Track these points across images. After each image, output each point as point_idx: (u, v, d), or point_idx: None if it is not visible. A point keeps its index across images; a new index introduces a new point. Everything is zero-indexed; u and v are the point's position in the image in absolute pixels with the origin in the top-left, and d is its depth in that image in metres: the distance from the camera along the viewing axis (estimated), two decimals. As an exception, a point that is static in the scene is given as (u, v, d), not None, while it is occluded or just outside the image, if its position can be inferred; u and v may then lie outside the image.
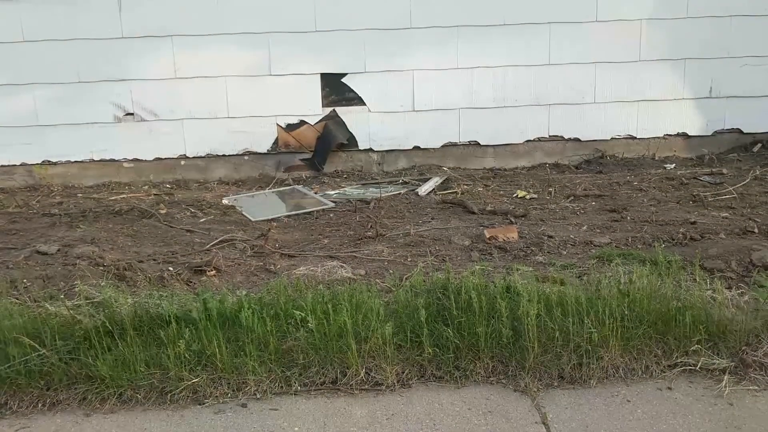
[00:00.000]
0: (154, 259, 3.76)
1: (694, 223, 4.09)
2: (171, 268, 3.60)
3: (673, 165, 5.61)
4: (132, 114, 5.47)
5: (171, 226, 4.38)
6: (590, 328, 2.73)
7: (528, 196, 4.86)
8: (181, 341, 2.67)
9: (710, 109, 5.77)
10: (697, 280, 3.13)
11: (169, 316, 2.80)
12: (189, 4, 5.28)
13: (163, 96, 5.45)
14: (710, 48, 5.64)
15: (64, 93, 5.37)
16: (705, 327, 2.76)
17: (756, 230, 3.92)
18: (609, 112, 5.74)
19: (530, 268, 3.42)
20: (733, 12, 5.57)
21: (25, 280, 3.43)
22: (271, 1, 5.33)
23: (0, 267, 3.68)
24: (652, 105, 5.75)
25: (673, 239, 3.84)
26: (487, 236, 3.93)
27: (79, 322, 2.85)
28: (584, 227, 4.13)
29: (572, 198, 4.78)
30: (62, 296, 3.14)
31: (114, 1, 5.24)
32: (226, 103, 5.50)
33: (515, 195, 4.91)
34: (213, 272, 3.54)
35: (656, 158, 5.79)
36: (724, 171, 5.25)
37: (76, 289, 3.20)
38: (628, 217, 4.28)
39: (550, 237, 3.93)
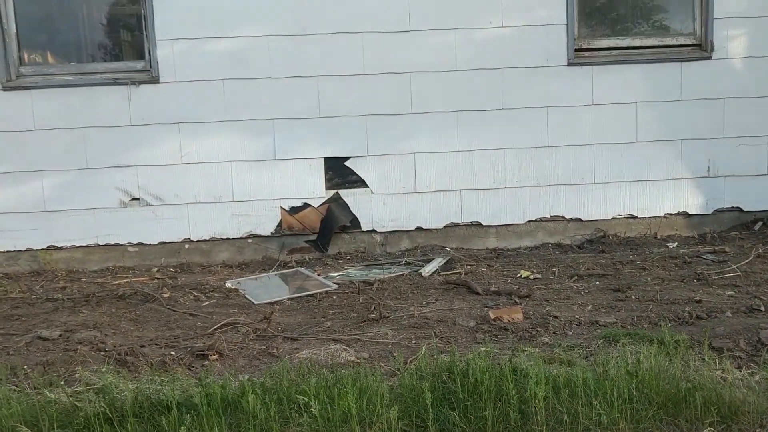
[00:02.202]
0: (156, 344, 3.73)
1: (699, 301, 4.07)
2: (173, 353, 3.56)
3: (676, 244, 5.63)
4: (138, 199, 5.55)
5: (174, 310, 4.36)
6: (599, 410, 2.67)
7: (532, 276, 4.85)
8: (182, 428, 2.61)
9: (709, 188, 5.84)
10: (706, 359, 3.08)
11: (170, 401, 2.75)
12: (197, 94, 5.45)
13: (169, 181, 5.54)
14: (705, 129, 5.76)
15: (73, 179, 5.47)
16: (716, 408, 2.70)
17: (762, 308, 3.89)
18: (609, 192, 5.80)
19: (536, 350, 3.38)
20: (726, 94, 5.72)
21: (25, 367, 3.39)
22: (277, 92, 5.50)
23: (1, 353, 3.64)
24: (652, 185, 5.82)
25: (679, 318, 3.81)
26: (492, 317, 3.90)
27: (79, 409, 2.80)
28: (589, 307, 4.10)
29: (576, 278, 4.77)
30: (62, 382, 3.10)
31: (124, 91, 5.41)
32: (231, 187, 5.58)
33: (519, 275, 4.90)
34: (215, 356, 3.50)
35: (658, 237, 5.81)
36: (727, 249, 5.26)
37: (77, 375, 3.16)
38: (633, 297, 4.26)
39: (555, 317, 3.90)
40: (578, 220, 5.83)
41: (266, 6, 5.42)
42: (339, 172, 5.66)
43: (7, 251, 5.50)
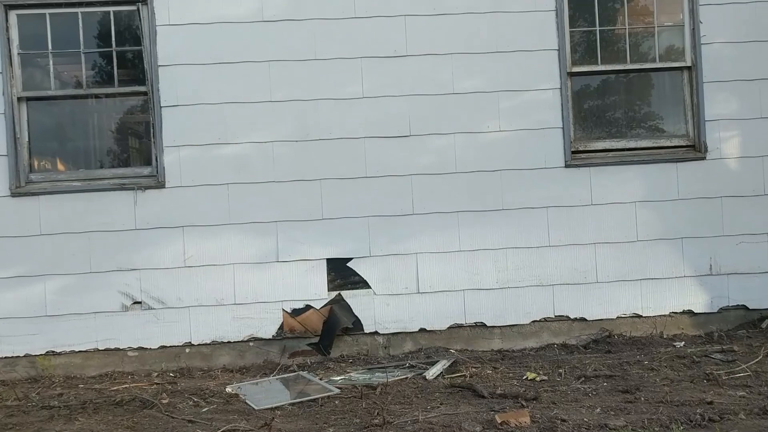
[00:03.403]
0: (153, 453, 3.61)
1: (710, 403, 3.97)
2: (170, 463, 3.45)
3: (683, 343, 5.55)
4: (140, 302, 5.53)
5: (172, 417, 4.25)
6: None
7: (538, 378, 4.76)
8: None
9: (712, 286, 5.82)
10: (722, 465, 2.97)
11: None
12: (202, 199, 5.55)
13: (172, 284, 5.54)
14: (705, 227, 5.81)
15: (76, 283, 5.48)
16: None
17: (776, 410, 3.79)
18: (612, 291, 5.78)
19: (545, 456, 3.27)
20: (722, 193, 5.81)
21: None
22: (280, 195, 5.60)
23: (-8, 464, 3.53)
24: (655, 283, 5.81)
25: (691, 420, 3.70)
26: (499, 421, 3.80)
27: None
28: (597, 409, 4.00)
29: (583, 379, 4.67)
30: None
31: (130, 196, 5.51)
32: (233, 289, 5.58)
33: (525, 377, 4.81)
34: (213, 466, 3.39)
35: (664, 336, 5.74)
36: (735, 348, 5.18)
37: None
38: (642, 398, 4.15)
39: (564, 420, 3.79)
40: (583, 319, 5.77)
41: (271, 113, 5.61)
42: (341, 273, 5.67)
43: (6, 357, 5.43)
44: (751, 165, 5.83)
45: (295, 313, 5.64)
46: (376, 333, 5.69)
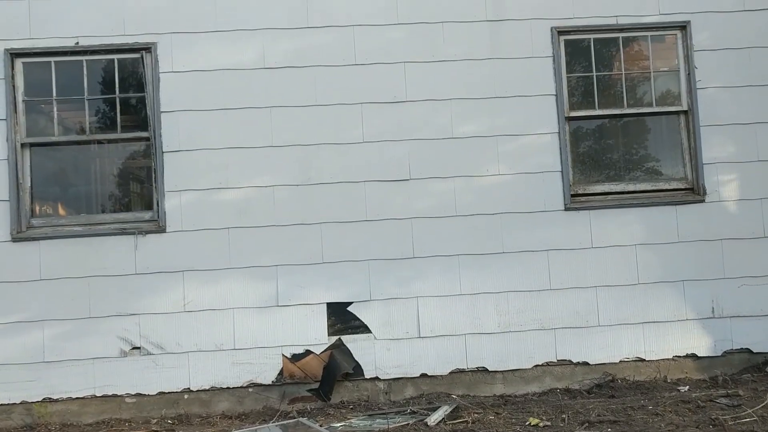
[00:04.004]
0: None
1: (717, 449, 3.91)
2: None
3: (687, 387, 5.49)
4: (138, 348, 5.49)
5: (170, 466, 4.18)
6: None
7: (541, 424, 4.69)
8: None
9: (715, 329, 5.79)
10: None
11: None
12: (202, 243, 5.55)
13: (171, 329, 5.51)
14: (706, 270, 5.80)
15: (74, 328, 5.44)
16: None
17: (784, 456, 3.73)
18: (615, 335, 5.74)
19: (550, 505, 3.21)
20: (722, 236, 5.82)
21: None
22: (281, 239, 5.60)
23: None
24: (658, 326, 5.77)
25: (698, 468, 3.64)
26: (502, 469, 3.73)
27: None
28: (603, 457, 3.93)
29: (587, 425, 4.61)
30: None
31: (131, 241, 5.51)
32: (232, 335, 5.54)
33: (528, 423, 4.74)
34: None
35: (668, 380, 5.68)
36: (741, 393, 5.12)
37: None
38: (648, 445, 4.10)
39: (568, 469, 3.73)
40: (585, 363, 5.72)
41: (272, 158, 5.65)
42: (341, 318, 5.64)
43: (1, 404, 5.36)
44: (750, 208, 5.85)
45: (295, 358, 5.59)
46: (376, 378, 5.64)
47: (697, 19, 5.92)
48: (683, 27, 5.93)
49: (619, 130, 6.09)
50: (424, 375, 5.65)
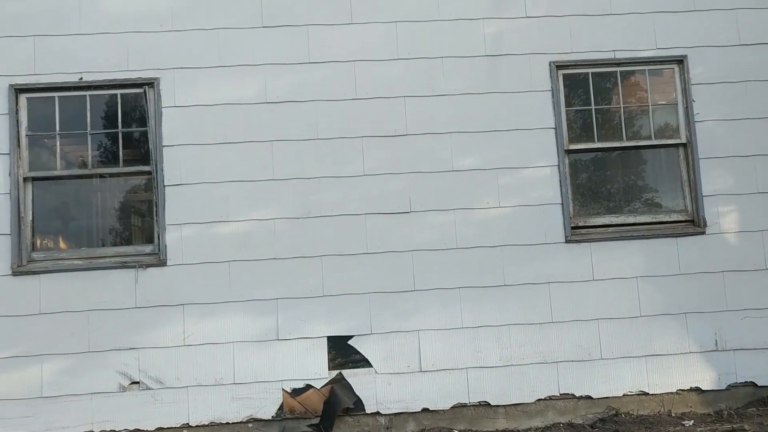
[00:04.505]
0: None
1: (723, 486, 3.85)
2: None
3: (692, 422, 5.42)
4: (138, 383, 5.44)
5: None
6: None
7: (544, 460, 4.63)
8: None
9: (719, 362, 5.74)
10: None
11: None
12: (203, 277, 5.55)
13: (171, 364, 5.47)
14: (708, 302, 5.78)
15: (73, 363, 5.41)
16: None
17: (791, 493, 3.67)
18: (618, 368, 5.70)
19: None
20: (724, 268, 5.80)
21: None
22: (281, 272, 5.60)
23: None
24: (661, 359, 5.73)
25: (705, 505, 3.58)
26: (505, 507, 3.67)
27: None
28: (607, 494, 3.87)
29: (591, 461, 4.55)
30: None
31: (131, 274, 5.51)
32: (232, 369, 5.50)
33: (531, 459, 4.68)
34: None
35: (672, 415, 5.61)
36: (746, 427, 5.07)
37: None
38: (653, 481, 4.04)
39: (572, 506, 3.67)
40: (588, 397, 5.66)
41: (273, 191, 5.68)
42: (342, 352, 5.60)
43: (-1, 440, 5.32)
44: (751, 239, 5.85)
45: (296, 392, 5.54)
46: (377, 413, 5.58)
47: (693, 53, 5.99)
48: (680, 61, 5.99)
49: (619, 162, 6.12)
50: (425, 410, 5.59)
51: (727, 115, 5.95)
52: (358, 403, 5.56)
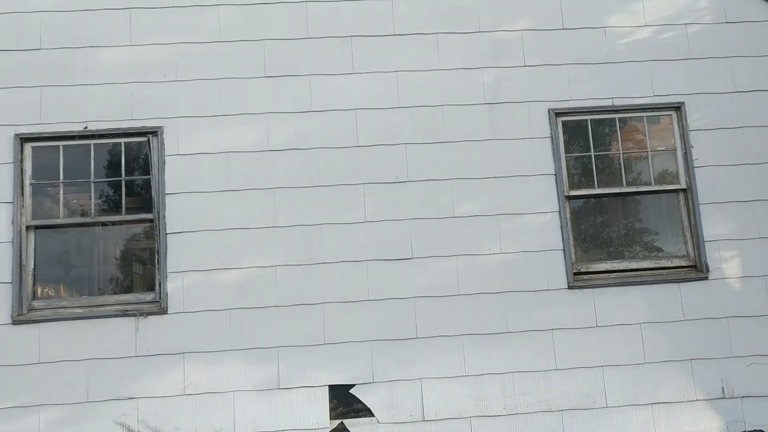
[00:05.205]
0: None
1: None
2: None
3: (701, 471, 5.32)
4: (136, 433, 5.37)
5: None
6: None
7: None
8: None
9: (726, 410, 5.65)
10: None
11: None
12: (204, 325, 5.52)
13: (170, 413, 5.40)
14: (713, 348, 5.72)
15: (71, 413, 5.33)
16: None
17: None
18: (624, 416, 5.61)
19: None
20: (728, 313, 5.76)
21: None
22: (283, 319, 5.56)
23: None
24: (667, 407, 5.64)
25: None
26: None
27: None
28: None
29: None
30: None
31: (132, 323, 5.48)
32: (232, 419, 5.42)
33: None
34: None
35: (681, 464, 5.51)
36: (756, 477, 4.96)
37: None
38: None
39: None
40: (595, 447, 5.57)
41: (275, 238, 5.68)
42: (344, 401, 5.52)
43: (-7, 494, 5.21)
44: (754, 285, 5.83)
45: (297, 443, 5.45)
46: (380, 464, 5.48)
47: (690, 100, 6.06)
48: (678, 108, 6.06)
49: (620, 207, 6.14)
50: (429, 460, 5.50)
51: (726, 161, 5.99)
52: (360, 454, 5.46)
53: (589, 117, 6.07)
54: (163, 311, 5.52)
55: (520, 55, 6.06)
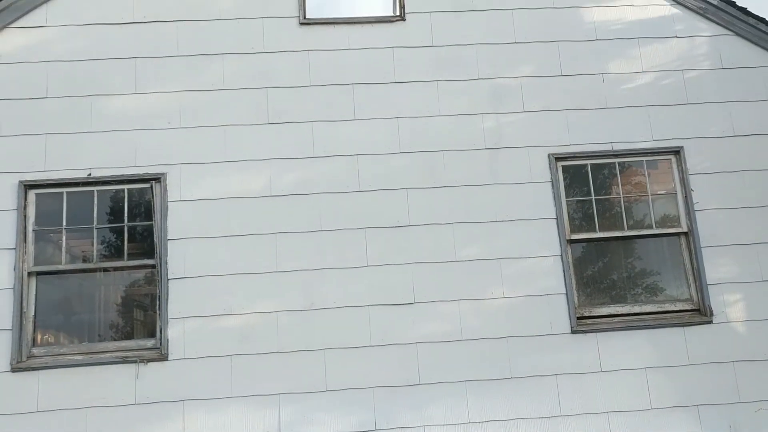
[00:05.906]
0: None
1: None
2: None
3: None
4: (134, 483, 5.26)
5: None
6: None
7: None
8: None
9: (736, 457, 5.56)
10: None
11: None
12: (204, 371, 5.46)
13: (169, 463, 5.31)
14: (720, 393, 5.64)
15: (69, 463, 5.25)
16: None
17: None
18: (631, 464, 5.51)
19: None
20: (734, 358, 5.70)
21: None
22: (284, 366, 5.51)
23: None
24: (675, 454, 5.55)
25: None
26: None
27: None
28: None
29: None
30: None
31: (132, 369, 5.43)
32: (233, 468, 5.33)
33: None
34: None
35: None
36: None
37: None
38: None
39: None
40: (602, 495, 5.45)
41: (277, 284, 5.66)
42: (346, 449, 5.44)
43: None
44: (759, 328, 5.78)
45: (298, 493, 5.34)
46: None
47: (689, 144, 6.11)
48: (677, 152, 6.11)
49: (622, 251, 6.13)
50: None
51: (726, 204, 6.01)
52: (363, 504, 5.35)
53: (589, 161, 6.11)
54: (163, 358, 5.47)
55: (519, 101, 6.13)
